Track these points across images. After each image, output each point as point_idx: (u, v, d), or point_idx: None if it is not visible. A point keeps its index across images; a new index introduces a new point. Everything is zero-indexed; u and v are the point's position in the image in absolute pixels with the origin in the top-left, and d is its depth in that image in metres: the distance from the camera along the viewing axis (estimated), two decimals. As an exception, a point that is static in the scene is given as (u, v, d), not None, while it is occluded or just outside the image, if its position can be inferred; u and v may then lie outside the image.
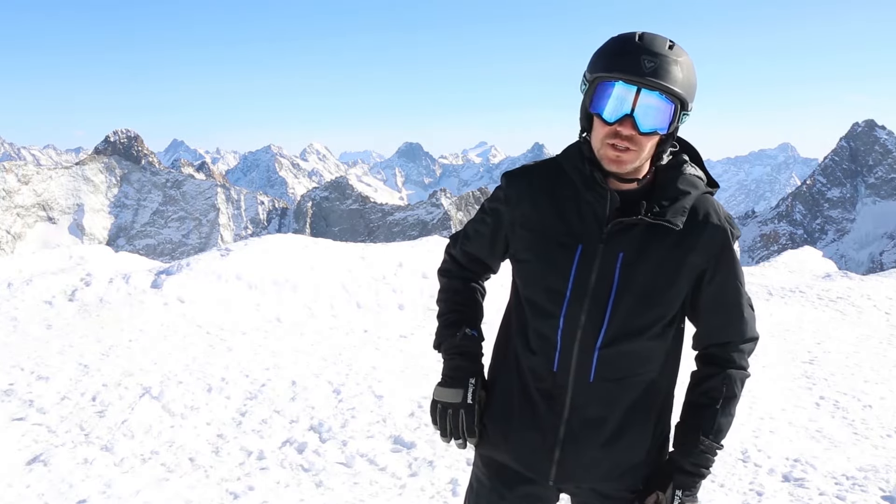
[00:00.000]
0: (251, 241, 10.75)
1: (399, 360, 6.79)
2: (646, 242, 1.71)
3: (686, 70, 1.64)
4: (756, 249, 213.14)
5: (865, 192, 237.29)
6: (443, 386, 1.88)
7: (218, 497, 3.96)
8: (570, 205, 1.76)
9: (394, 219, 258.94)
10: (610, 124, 1.64)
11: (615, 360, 1.74)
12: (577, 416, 1.77)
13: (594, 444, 1.78)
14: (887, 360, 7.45)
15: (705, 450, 1.80)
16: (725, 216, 1.77)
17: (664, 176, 1.75)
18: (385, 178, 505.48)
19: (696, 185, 1.75)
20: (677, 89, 1.62)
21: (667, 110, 1.64)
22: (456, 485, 4.13)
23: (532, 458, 1.82)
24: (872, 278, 12.90)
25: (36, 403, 5.18)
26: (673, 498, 1.78)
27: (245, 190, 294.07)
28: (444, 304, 2.02)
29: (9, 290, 8.40)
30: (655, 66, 1.60)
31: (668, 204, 1.71)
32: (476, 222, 1.98)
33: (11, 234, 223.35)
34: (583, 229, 1.74)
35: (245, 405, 5.40)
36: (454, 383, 1.86)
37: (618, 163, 1.67)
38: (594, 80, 1.66)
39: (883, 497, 4.06)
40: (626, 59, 1.61)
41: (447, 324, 1.97)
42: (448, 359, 1.92)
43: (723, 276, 1.77)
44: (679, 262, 1.72)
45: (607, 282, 1.71)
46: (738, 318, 1.80)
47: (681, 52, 1.64)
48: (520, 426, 1.83)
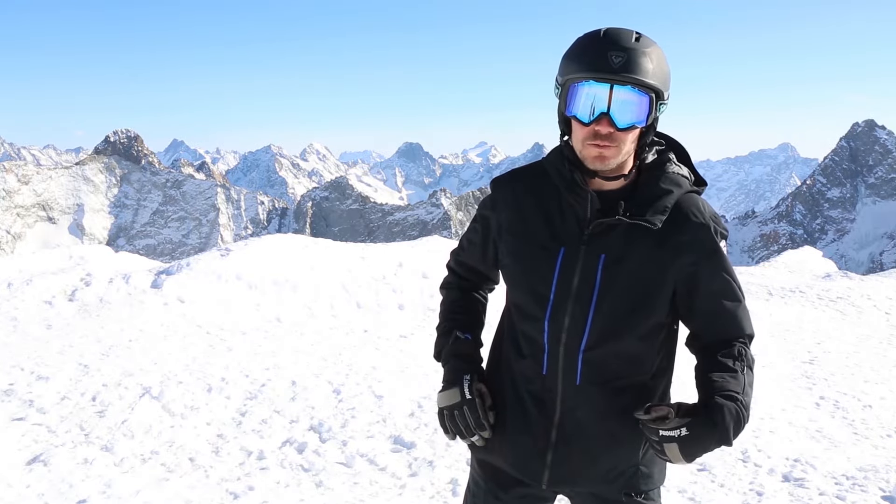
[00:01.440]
0: (251, 241, 10.76)
1: (399, 360, 6.79)
2: (628, 243, 1.69)
3: (656, 60, 1.62)
4: (756, 249, 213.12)
5: (865, 192, 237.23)
6: (442, 391, 1.87)
7: (218, 497, 3.96)
8: (554, 208, 1.76)
9: (394, 219, 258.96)
10: (587, 125, 1.63)
11: (601, 363, 1.72)
12: (568, 420, 1.76)
13: (586, 448, 1.76)
14: (887, 360, 7.44)
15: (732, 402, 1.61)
16: (711, 214, 1.75)
17: (647, 175, 1.74)
18: (385, 178, 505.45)
19: (680, 183, 1.74)
20: (650, 81, 1.60)
21: (642, 103, 1.62)
22: (456, 485, 4.13)
23: (525, 461, 1.81)
24: (872, 278, 12.90)
25: (36, 403, 5.18)
26: (678, 428, 1.59)
27: (245, 190, 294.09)
28: (441, 315, 2.04)
29: (9, 290, 8.40)
30: (624, 60, 1.58)
31: (648, 203, 1.69)
32: (469, 232, 1.99)
33: (11, 234, 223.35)
34: (565, 232, 1.73)
35: (245, 405, 5.40)
36: (450, 385, 1.85)
37: (601, 159, 1.65)
38: (566, 83, 1.65)
39: (883, 497, 4.06)
40: (593, 57, 1.60)
41: (442, 332, 1.99)
42: (444, 364, 1.93)
43: (712, 276, 1.73)
44: (663, 262, 1.70)
45: (589, 284, 1.69)
46: (733, 316, 1.76)
47: (648, 43, 1.62)
48: (513, 430, 1.82)
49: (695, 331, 1.80)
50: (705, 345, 1.78)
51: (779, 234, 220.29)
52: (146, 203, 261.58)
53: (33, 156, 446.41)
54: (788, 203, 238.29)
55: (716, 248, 1.73)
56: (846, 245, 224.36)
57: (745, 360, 1.71)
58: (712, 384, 1.65)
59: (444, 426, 1.86)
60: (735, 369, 1.68)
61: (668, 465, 1.79)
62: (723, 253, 1.76)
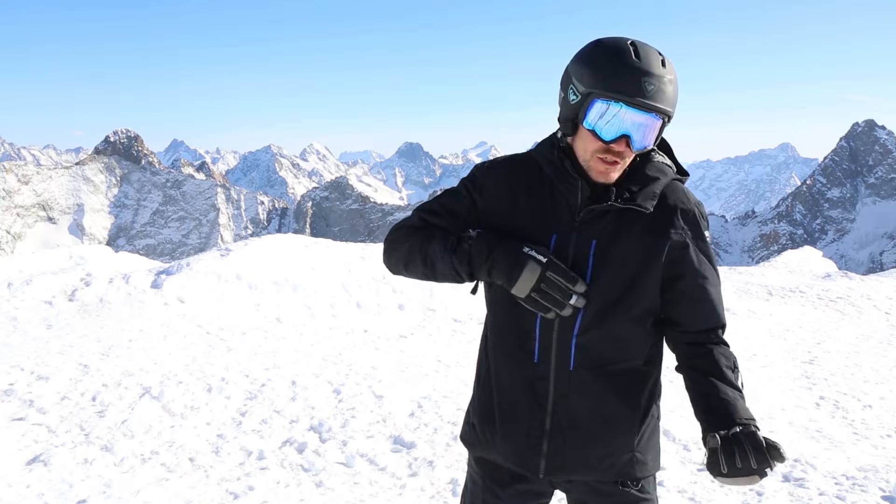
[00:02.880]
0: (251, 241, 10.76)
1: (399, 360, 6.79)
2: (618, 229, 1.72)
3: (676, 87, 1.67)
4: (756, 249, 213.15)
5: (865, 192, 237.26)
6: (515, 276, 1.66)
7: (218, 497, 3.96)
8: (545, 196, 1.77)
9: (394, 219, 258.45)
10: (606, 143, 1.66)
11: (594, 348, 1.74)
12: (561, 407, 1.77)
13: (581, 434, 1.78)
14: (887, 360, 7.44)
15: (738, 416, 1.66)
16: (695, 202, 1.79)
17: (633, 163, 1.77)
18: (385, 178, 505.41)
19: (665, 171, 1.78)
20: (671, 110, 1.65)
21: (657, 127, 1.67)
22: (456, 485, 4.13)
23: (521, 452, 1.81)
24: (872, 278, 12.90)
25: (36, 403, 5.18)
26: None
27: (245, 190, 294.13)
28: (419, 243, 1.80)
29: (9, 290, 8.40)
30: (656, 89, 1.61)
31: (638, 189, 1.73)
32: (448, 201, 1.86)
33: (11, 234, 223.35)
34: (556, 219, 1.75)
35: (245, 405, 5.40)
36: (518, 263, 1.66)
37: (606, 175, 1.70)
38: (589, 95, 1.64)
39: (883, 497, 4.06)
40: (626, 80, 1.60)
41: (449, 245, 1.75)
42: (481, 258, 1.70)
43: (698, 261, 1.77)
44: (651, 248, 1.73)
45: (581, 270, 1.72)
46: (713, 304, 1.79)
47: (672, 69, 1.66)
48: (507, 421, 1.82)
49: (675, 317, 1.82)
50: (688, 339, 1.81)
51: (779, 234, 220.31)
52: (146, 203, 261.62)
53: (33, 156, 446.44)
54: (788, 203, 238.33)
55: (702, 234, 1.78)
56: (846, 245, 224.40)
57: (730, 356, 1.78)
58: (734, 408, 1.67)
59: (540, 306, 1.68)
60: (738, 388, 1.73)
61: (662, 453, 1.84)
62: (708, 242, 1.80)
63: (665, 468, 4.30)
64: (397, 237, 1.86)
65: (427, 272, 1.82)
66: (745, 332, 8.45)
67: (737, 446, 1.58)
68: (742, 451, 1.57)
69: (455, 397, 5.65)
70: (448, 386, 6.00)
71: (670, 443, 4.68)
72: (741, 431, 1.60)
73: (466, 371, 6.43)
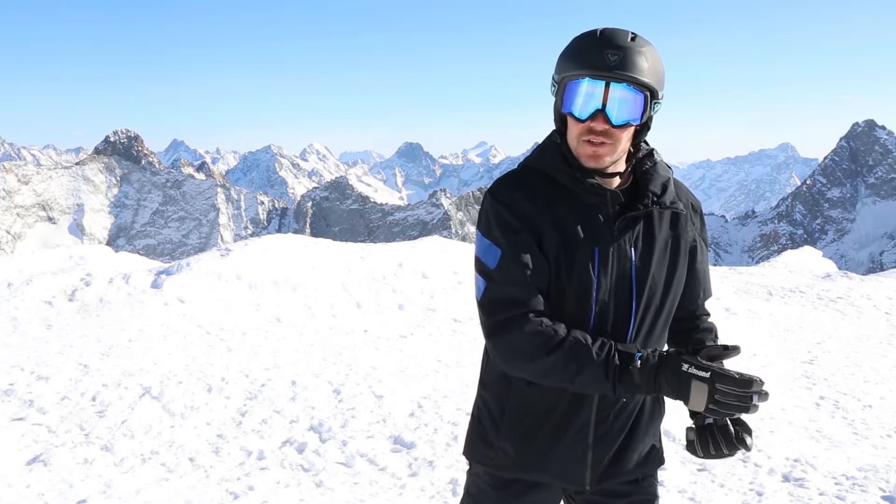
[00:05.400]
0: (251, 241, 10.76)
1: (399, 360, 6.79)
2: (650, 232, 1.76)
3: (651, 59, 1.64)
4: (756, 249, 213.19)
5: (865, 192, 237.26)
6: (687, 397, 1.55)
7: (218, 497, 3.96)
8: (574, 212, 1.71)
9: (394, 219, 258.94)
10: (583, 121, 1.66)
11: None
12: (605, 416, 1.78)
13: (624, 438, 1.82)
14: (887, 360, 7.44)
15: None
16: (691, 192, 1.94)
17: (644, 167, 1.79)
18: (385, 178, 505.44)
19: (668, 168, 1.83)
20: (645, 79, 1.62)
21: (637, 101, 1.65)
22: (456, 485, 4.13)
23: (566, 468, 1.80)
24: (872, 278, 12.89)
25: (36, 403, 5.19)
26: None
27: (245, 190, 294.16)
28: (563, 357, 1.63)
29: (9, 290, 8.40)
30: (620, 58, 1.60)
31: (661, 192, 1.76)
32: (515, 258, 1.67)
33: (11, 234, 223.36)
34: (594, 232, 1.71)
35: (245, 405, 5.40)
36: (681, 384, 1.55)
37: (595, 158, 1.68)
38: (562, 81, 1.68)
39: (883, 497, 4.06)
40: (590, 55, 1.63)
41: (602, 369, 1.61)
42: (645, 379, 1.59)
43: (705, 248, 1.91)
44: (678, 243, 1.81)
45: (627, 278, 1.72)
46: (709, 281, 1.97)
47: (644, 43, 1.65)
48: (553, 440, 1.78)
49: (681, 300, 1.90)
50: (680, 315, 1.92)
51: (779, 234, 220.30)
52: (146, 203, 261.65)
53: (33, 156, 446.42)
54: (788, 203, 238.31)
55: (704, 221, 1.93)
56: (846, 245, 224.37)
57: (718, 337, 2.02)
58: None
59: (727, 410, 1.52)
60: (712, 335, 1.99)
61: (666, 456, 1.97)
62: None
63: (665, 468, 4.30)
64: (530, 349, 1.65)
65: (571, 387, 1.69)
66: (745, 332, 8.45)
67: (710, 437, 1.68)
68: (715, 442, 1.68)
69: (455, 397, 5.65)
70: (448, 386, 6.00)
71: (670, 443, 4.67)
72: (715, 423, 1.69)
73: (467, 371, 6.43)
